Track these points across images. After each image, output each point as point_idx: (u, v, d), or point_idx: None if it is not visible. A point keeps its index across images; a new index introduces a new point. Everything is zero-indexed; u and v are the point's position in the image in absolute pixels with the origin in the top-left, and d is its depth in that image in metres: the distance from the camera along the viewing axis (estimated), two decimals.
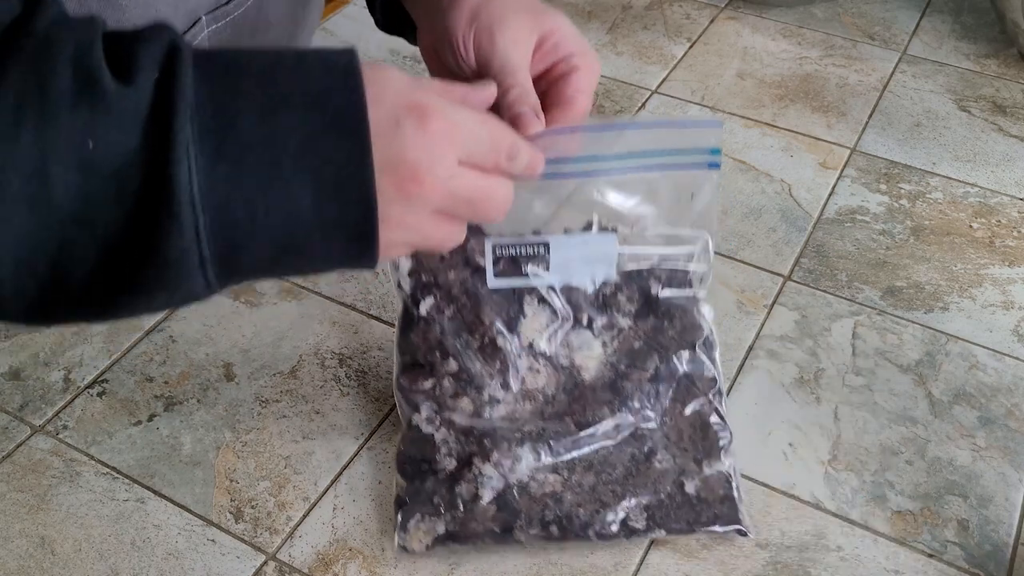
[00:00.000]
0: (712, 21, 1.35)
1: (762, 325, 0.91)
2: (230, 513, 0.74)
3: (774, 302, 0.93)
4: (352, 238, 0.47)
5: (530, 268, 0.71)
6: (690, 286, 0.75)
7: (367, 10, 0.84)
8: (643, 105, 1.18)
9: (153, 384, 0.84)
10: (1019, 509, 0.76)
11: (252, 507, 0.74)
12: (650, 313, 0.73)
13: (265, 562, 0.71)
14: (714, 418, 0.73)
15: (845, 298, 0.94)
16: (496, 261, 0.70)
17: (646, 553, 0.72)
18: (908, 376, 0.86)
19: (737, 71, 1.25)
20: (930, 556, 0.72)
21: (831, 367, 0.87)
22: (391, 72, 0.48)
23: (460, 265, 0.72)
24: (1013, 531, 0.74)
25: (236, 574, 0.70)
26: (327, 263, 0.50)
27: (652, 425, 0.72)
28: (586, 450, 0.70)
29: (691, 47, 1.30)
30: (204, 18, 0.78)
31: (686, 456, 0.71)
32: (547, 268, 0.71)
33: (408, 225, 0.49)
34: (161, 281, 0.44)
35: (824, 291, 0.94)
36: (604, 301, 0.73)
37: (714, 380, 0.74)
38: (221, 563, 0.70)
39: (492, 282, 0.71)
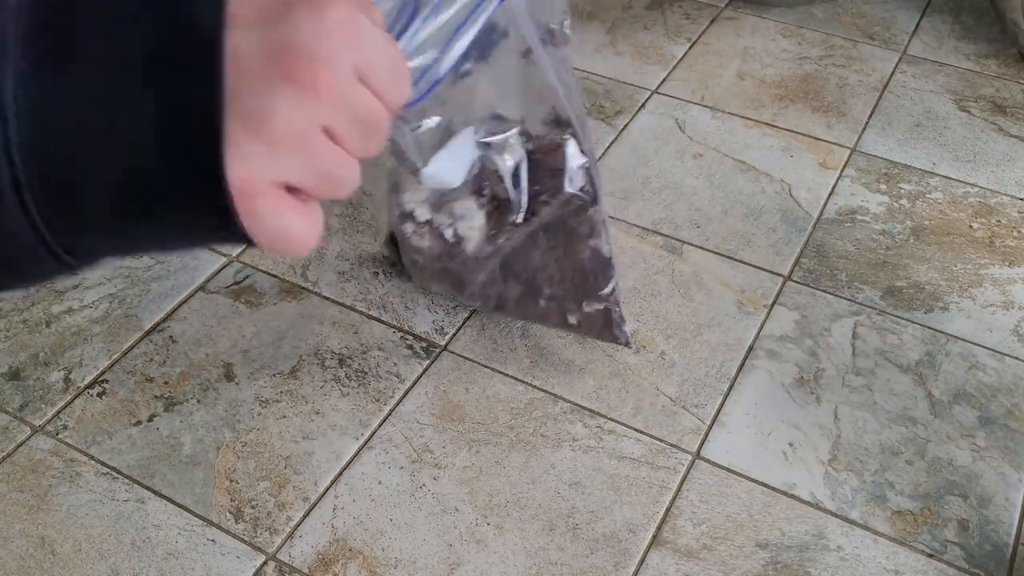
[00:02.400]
0: (712, 21, 1.35)
1: (762, 325, 0.91)
2: (230, 513, 0.74)
3: (774, 302, 0.93)
4: (200, 184, 0.34)
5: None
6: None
7: None
8: (643, 105, 1.18)
9: (153, 384, 0.84)
10: (1019, 509, 0.76)
11: (252, 507, 0.74)
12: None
13: (265, 562, 0.71)
14: (590, 263, 0.84)
15: (845, 298, 0.93)
16: None
17: (646, 553, 0.72)
18: (908, 376, 0.86)
19: (737, 71, 1.25)
20: (930, 556, 0.72)
21: (831, 367, 0.87)
22: None
23: None
24: (1013, 531, 0.74)
25: (236, 574, 0.70)
26: (182, 225, 0.36)
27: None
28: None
29: (691, 47, 1.30)
30: None
31: (568, 295, 0.85)
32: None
33: (297, 134, 0.36)
34: None
35: (824, 291, 0.94)
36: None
37: (592, 232, 0.84)
38: (221, 563, 0.70)
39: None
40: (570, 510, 0.75)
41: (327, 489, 0.76)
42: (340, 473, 0.77)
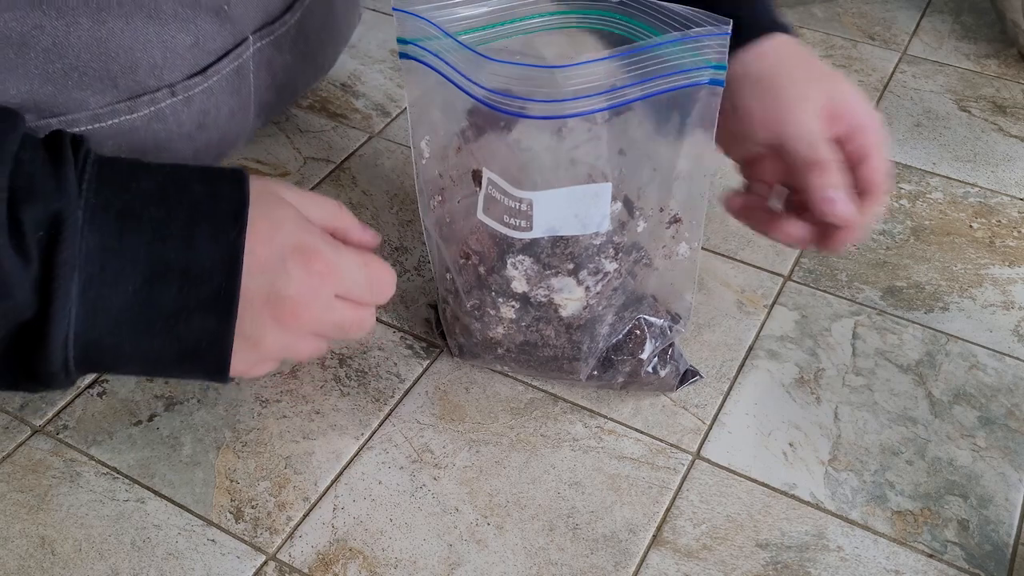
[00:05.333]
0: None
1: (762, 325, 0.91)
2: (230, 513, 0.74)
3: (774, 302, 0.93)
4: (208, 375, 0.58)
5: (511, 220, 0.68)
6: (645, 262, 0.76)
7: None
8: None
9: (153, 384, 0.84)
10: (1019, 509, 0.76)
11: (252, 507, 0.74)
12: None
13: (265, 562, 0.71)
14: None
15: (845, 298, 0.94)
16: (487, 198, 0.69)
17: (646, 553, 0.72)
18: (908, 376, 0.86)
19: None
20: (930, 556, 0.72)
21: (831, 367, 0.87)
22: (284, 212, 0.55)
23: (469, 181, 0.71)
24: (1013, 531, 0.74)
25: (236, 574, 0.70)
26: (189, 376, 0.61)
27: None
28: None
29: None
30: (251, 37, 0.79)
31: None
32: (530, 224, 0.68)
33: (281, 346, 0.58)
34: (27, 383, 0.53)
35: (824, 291, 0.94)
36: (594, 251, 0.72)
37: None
38: (221, 563, 0.70)
39: (480, 214, 0.71)
40: (570, 510, 0.75)
41: (327, 489, 0.76)
42: (340, 473, 0.77)
